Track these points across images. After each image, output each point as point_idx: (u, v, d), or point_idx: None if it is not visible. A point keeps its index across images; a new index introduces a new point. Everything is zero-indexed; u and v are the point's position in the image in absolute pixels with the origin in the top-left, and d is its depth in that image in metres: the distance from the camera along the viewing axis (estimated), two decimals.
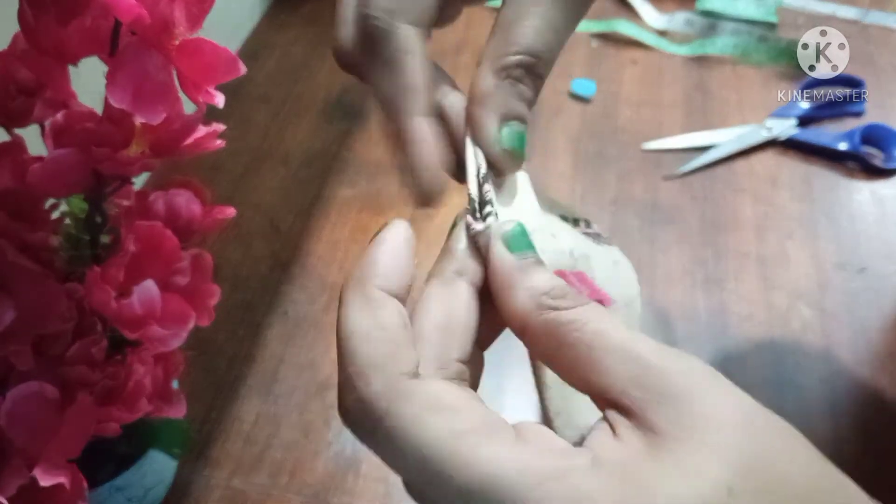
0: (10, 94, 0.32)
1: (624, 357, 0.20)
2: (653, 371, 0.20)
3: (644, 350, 0.20)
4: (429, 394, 0.19)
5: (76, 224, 0.36)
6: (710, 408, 0.19)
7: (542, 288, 0.21)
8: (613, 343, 0.20)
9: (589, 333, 0.20)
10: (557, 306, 0.21)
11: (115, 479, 0.41)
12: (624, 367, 0.20)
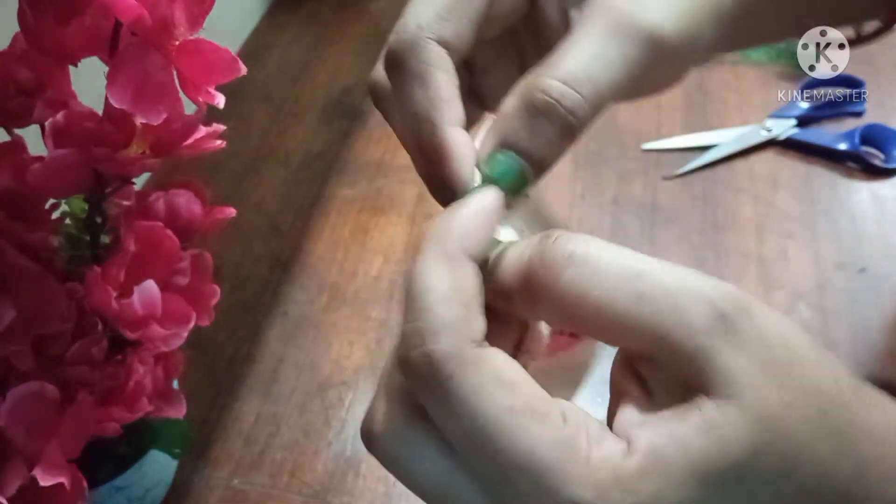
0: (10, 94, 0.32)
1: (642, 316, 0.19)
2: (677, 327, 0.19)
3: (661, 302, 0.19)
4: (494, 366, 0.19)
5: (76, 224, 0.36)
6: (735, 363, 0.19)
7: (538, 246, 0.21)
8: (625, 304, 0.19)
9: (596, 298, 0.19)
10: (555, 265, 0.20)
11: (115, 479, 0.41)
12: (644, 328, 0.19)
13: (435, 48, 0.23)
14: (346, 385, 0.55)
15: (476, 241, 0.21)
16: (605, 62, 0.22)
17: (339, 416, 0.53)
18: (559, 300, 0.20)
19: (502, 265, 0.21)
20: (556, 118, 0.23)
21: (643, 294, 0.19)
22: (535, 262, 0.20)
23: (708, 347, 0.19)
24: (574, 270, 0.20)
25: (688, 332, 0.19)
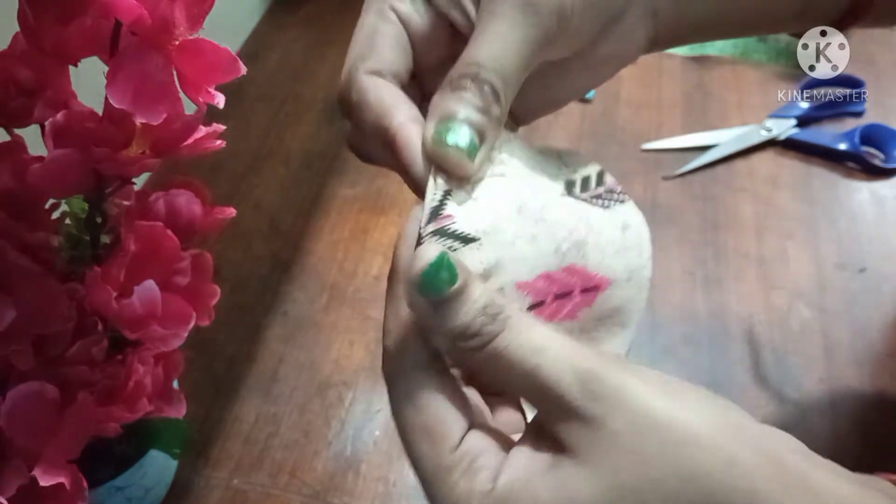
0: (10, 94, 0.32)
1: (531, 387, 0.23)
2: (558, 400, 0.23)
3: (549, 378, 0.23)
4: (411, 387, 0.25)
5: (76, 224, 0.36)
6: (602, 434, 0.22)
7: (457, 330, 0.23)
8: (521, 374, 0.23)
9: (503, 365, 0.23)
10: (471, 346, 0.24)
11: (115, 479, 0.41)
12: (533, 396, 0.23)
13: (367, 77, 0.28)
14: (346, 385, 0.55)
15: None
16: (505, 41, 0.26)
17: (339, 416, 0.53)
18: (473, 359, 0.24)
19: (464, 299, 0.24)
20: (478, 88, 0.26)
21: (537, 367, 0.23)
22: (471, 329, 0.24)
23: (574, 420, 0.22)
24: (494, 343, 0.23)
25: (560, 407, 0.23)
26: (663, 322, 0.59)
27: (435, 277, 0.23)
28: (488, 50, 0.26)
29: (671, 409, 0.22)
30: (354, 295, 0.60)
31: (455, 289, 0.23)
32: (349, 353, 0.57)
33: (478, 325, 0.23)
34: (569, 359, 0.23)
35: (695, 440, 0.21)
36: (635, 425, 0.22)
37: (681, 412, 0.22)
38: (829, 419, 0.53)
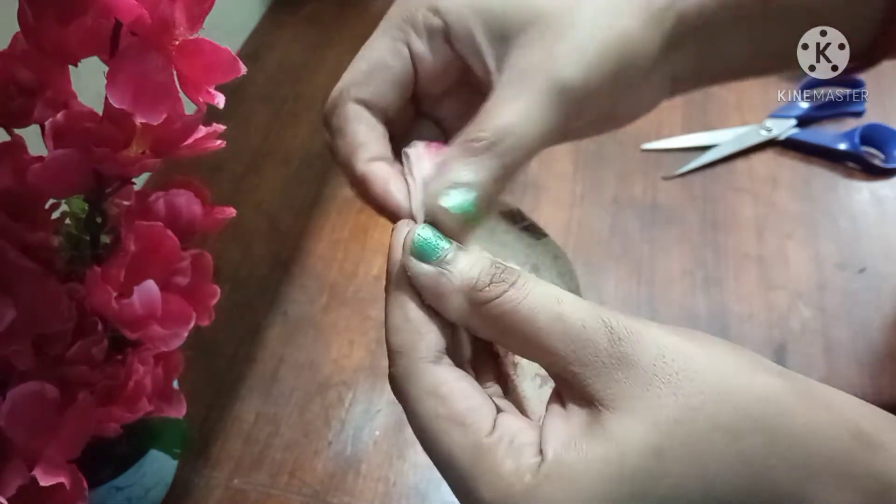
0: (10, 94, 0.32)
1: (559, 334, 0.23)
2: (586, 344, 0.22)
3: (575, 323, 0.23)
4: (432, 380, 0.24)
5: (76, 224, 0.36)
6: (629, 379, 0.22)
7: (468, 283, 0.23)
8: (547, 321, 0.23)
9: (523, 316, 0.23)
10: (488, 297, 0.23)
11: (115, 479, 0.41)
12: (560, 343, 0.23)
13: (352, 106, 0.29)
14: (346, 385, 0.55)
15: None
16: (528, 118, 0.26)
17: (339, 415, 0.53)
18: (492, 315, 0.23)
19: (463, 263, 0.24)
20: (491, 157, 0.26)
21: (560, 314, 0.23)
22: (481, 281, 0.24)
23: (604, 367, 0.22)
24: (511, 292, 0.23)
25: (590, 354, 0.22)
26: (663, 322, 0.58)
27: (433, 239, 0.24)
28: (512, 122, 0.26)
29: (695, 346, 0.22)
30: (354, 295, 0.60)
31: (455, 245, 0.24)
32: (349, 353, 0.57)
33: (489, 275, 0.23)
34: (588, 306, 0.23)
35: (722, 369, 0.22)
36: (666, 359, 0.22)
37: (706, 349, 0.22)
38: None
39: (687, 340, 0.23)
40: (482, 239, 0.28)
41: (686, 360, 0.22)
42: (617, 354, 0.22)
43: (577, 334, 0.22)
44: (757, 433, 0.21)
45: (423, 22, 0.28)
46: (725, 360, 0.22)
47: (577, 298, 0.23)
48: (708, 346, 0.23)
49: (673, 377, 0.21)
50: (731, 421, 0.21)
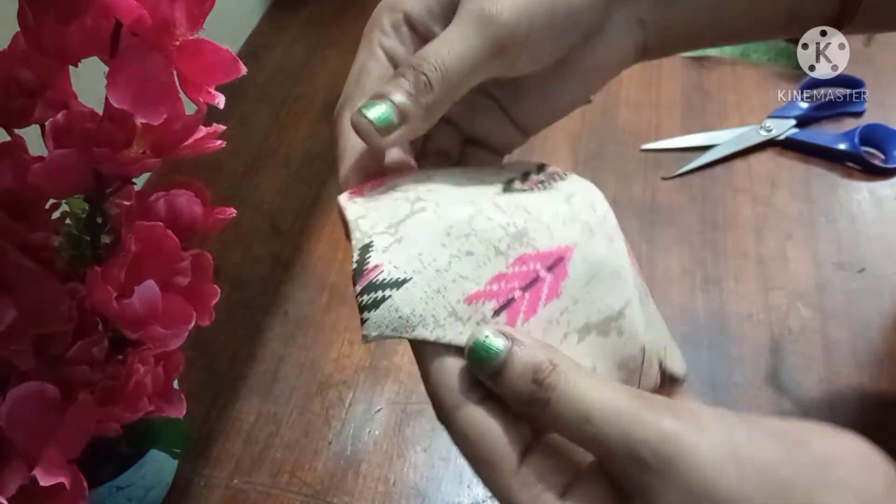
0: (10, 94, 0.32)
1: (592, 449, 0.25)
2: (615, 464, 0.24)
3: (602, 448, 0.24)
4: (459, 425, 0.27)
5: (76, 224, 0.36)
6: (652, 497, 0.23)
7: (511, 399, 0.26)
8: (579, 440, 0.25)
9: (559, 427, 0.25)
10: (528, 413, 0.26)
11: (115, 479, 0.41)
12: (593, 454, 0.25)
13: (343, 119, 0.31)
14: (346, 385, 0.55)
15: None
16: (454, 47, 0.29)
17: (339, 415, 0.53)
18: (549, 408, 0.25)
19: (511, 375, 0.26)
20: (415, 77, 0.29)
21: (592, 437, 0.24)
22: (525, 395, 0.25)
23: (636, 482, 0.23)
24: (547, 409, 0.25)
25: (617, 471, 0.24)
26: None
27: (476, 359, 0.26)
28: (436, 50, 0.29)
29: (720, 480, 0.23)
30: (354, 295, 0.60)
31: (497, 364, 0.25)
32: (349, 353, 0.57)
33: (528, 393, 0.25)
34: (616, 425, 0.24)
35: None
36: (690, 496, 0.23)
37: (731, 482, 0.23)
38: (828, 419, 0.53)
39: (723, 471, 0.23)
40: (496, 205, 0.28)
41: (713, 496, 0.23)
42: (641, 484, 0.23)
43: (603, 459, 0.25)
44: None
45: (388, 21, 0.32)
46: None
47: (614, 406, 0.24)
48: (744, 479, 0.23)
49: None
50: None
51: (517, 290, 0.27)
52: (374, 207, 0.28)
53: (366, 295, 0.26)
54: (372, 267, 0.26)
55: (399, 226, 0.27)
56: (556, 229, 0.29)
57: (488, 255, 0.27)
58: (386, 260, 0.26)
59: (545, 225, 0.28)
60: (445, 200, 0.28)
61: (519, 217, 0.28)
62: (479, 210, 0.28)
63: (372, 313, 0.26)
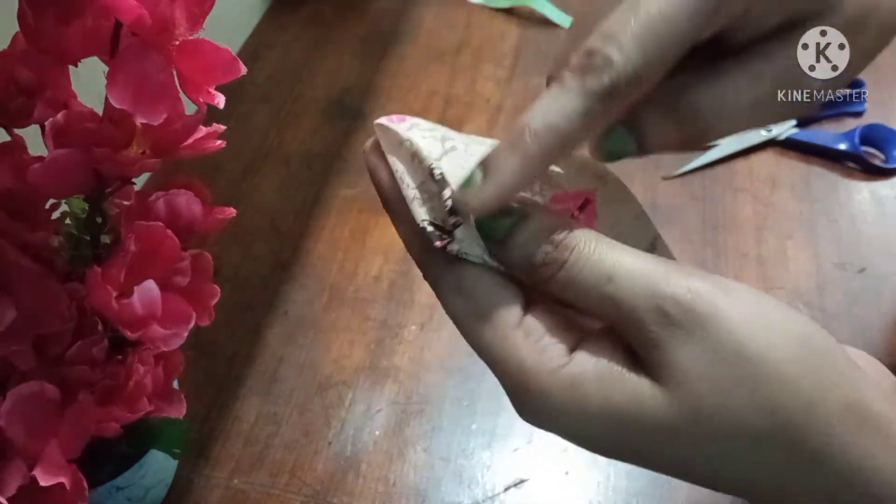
0: (10, 94, 0.32)
1: (610, 315, 0.23)
2: (636, 326, 0.22)
3: (626, 307, 0.22)
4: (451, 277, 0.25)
5: (76, 224, 0.36)
6: (680, 359, 0.22)
7: (520, 265, 0.24)
8: (598, 300, 0.23)
9: (574, 295, 0.23)
10: (542, 278, 0.23)
11: (115, 479, 0.41)
12: (612, 320, 0.23)
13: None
14: (346, 385, 0.55)
15: None
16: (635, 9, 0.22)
17: (339, 415, 0.53)
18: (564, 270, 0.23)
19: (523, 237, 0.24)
20: (584, 71, 0.22)
21: (612, 296, 0.22)
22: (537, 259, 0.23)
23: (658, 339, 0.22)
24: (562, 273, 0.23)
25: (642, 329, 0.22)
26: None
27: (492, 221, 0.23)
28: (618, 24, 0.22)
29: (752, 340, 0.21)
30: (354, 295, 0.60)
31: (508, 222, 0.23)
32: (349, 353, 0.57)
33: (542, 254, 0.23)
34: (643, 283, 0.22)
35: (777, 377, 0.21)
36: (716, 354, 0.21)
37: (762, 344, 0.21)
38: None
39: (754, 331, 0.21)
40: None
41: (743, 364, 0.21)
42: (667, 341, 0.22)
43: (625, 318, 0.22)
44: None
45: None
46: (784, 371, 0.21)
47: (638, 265, 0.22)
48: (775, 345, 0.22)
49: (720, 378, 0.21)
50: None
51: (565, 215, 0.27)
52: (414, 137, 0.27)
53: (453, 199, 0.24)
54: (449, 181, 0.25)
55: (439, 162, 0.26)
56: (573, 176, 0.29)
57: (525, 195, 0.27)
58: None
59: (564, 171, 0.28)
60: (469, 139, 0.27)
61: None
62: None
63: (462, 221, 0.24)
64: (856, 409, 0.21)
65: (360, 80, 0.79)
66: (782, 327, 0.22)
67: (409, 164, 0.27)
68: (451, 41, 0.84)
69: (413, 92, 0.78)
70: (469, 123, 0.75)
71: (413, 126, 0.28)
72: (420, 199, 0.26)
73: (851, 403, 0.21)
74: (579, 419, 0.22)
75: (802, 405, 0.21)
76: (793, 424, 0.21)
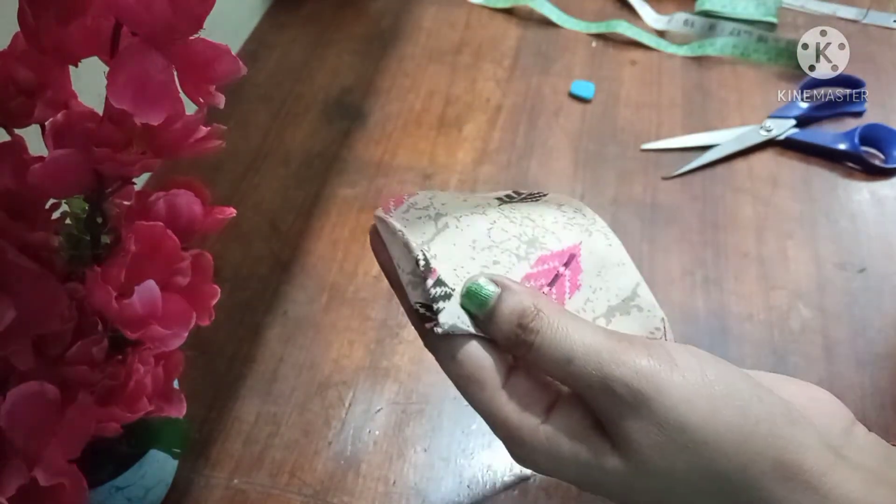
0: (10, 94, 0.32)
1: (570, 387, 0.28)
2: (594, 399, 0.27)
3: (581, 387, 0.27)
4: (446, 349, 0.29)
5: (76, 224, 0.36)
6: (635, 435, 0.26)
7: (498, 340, 0.28)
8: (560, 377, 0.28)
9: (542, 369, 0.28)
10: (515, 353, 0.28)
11: (115, 479, 0.41)
12: (577, 384, 0.27)
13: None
14: (346, 385, 0.55)
15: None
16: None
17: (339, 416, 0.53)
18: (532, 351, 0.28)
19: (498, 319, 0.28)
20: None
21: (571, 374, 0.27)
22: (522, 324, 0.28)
23: (611, 416, 0.26)
24: (530, 355, 0.28)
25: (597, 408, 0.27)
26: None
27: (470, 302, 0.28)
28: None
29: (693, 413, 0.25)
30: (354, 295, 0.60)
31: (489, 307, 0.28)
32: (349, 353, 0.57)
33: (514, 336, 0.27)
34: (596, 365, 0.26)
35: (715, 445, 0.25)
36: (661, 427, 0.25)
37: (701, 416, 0.25)
38: None
39: (695, 403, 0.25)
40: (482, 231, 0.31)
41: (685, 435, 0.25)
42: (617, 421, 0.26)
43: (582, 396, 0.27)
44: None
45: None
46: (721, 439, 0.25)
47: (593, 347, 0.26)
48: (715, 413, 0.25)
49: (665, 447, 0.25)
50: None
51: (545, 287, 0.31)
52: (407, 224, 0.31)
53: (438, 288, 0.29)
54: (433, 268, 0.29)
55: (431, 244, 0.30)
56: (560, 232, 0.32)
57: (512, 262, 0.30)
58: (439, 268, 0.30)
59: (550, 230, 0.32)
60: (462, 213, 0.31)
61: (527, 226, 0.32)
62: (494, 222, 0.31)
63: (446, 303, 0.29)
64: (787, 469, 0.24)
65: (360, 80, 0.79)
66: (723, 399, 0.25)
67: (403, 252, 0.31)
68: (451, 41, 0.84)
69: (413, 92, 0.78)
70: (469, 123, 0.75)
71: (410, 207, 0.32)
72: (413, 282, 0.30)
73: (783, 463, 0.25)
74: (556, 466, 0.27)
75: (737, 468, 0.25)
76: (730, 484, 0.25)
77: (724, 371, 0.26)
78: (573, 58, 0.82)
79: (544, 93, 0.78)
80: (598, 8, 0.89)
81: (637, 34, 0.84)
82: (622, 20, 0.85)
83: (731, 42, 0.82)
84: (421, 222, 0.31)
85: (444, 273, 0.29)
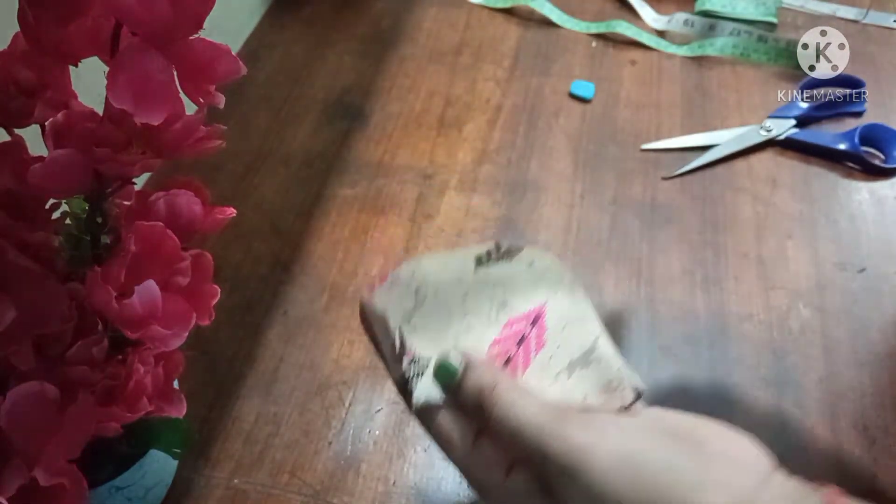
0: (10, 94, 0.32)
1: (522, 450, 0.31)
2: (533, 464, 0.31)
3: (527, 450, 0.30)
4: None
5: (76, 224, 0.36)
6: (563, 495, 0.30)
7: (463, 407, 0.32)
8: (511, 446, 0.31)
9: (502, 438, 0.32)
10: (477, 419, 0.32)
11: (115, 479, 0.41)
12: (524, 454, 0.31)
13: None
14: (346, 385, 0.55)
15: None
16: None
17: (339, 415, 0.53)
18: (490, 421, 0.32)
19: (462, 392, 0.33)
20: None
21: (522, 445, 0.31)
22: (485, 393, 0.32)
23: (550, 482, 0.30)
24: (496, 411, 0.31)
25: (541, 469, 0.30)
26: (663, 322, 0.59)
27: (440, 376, 0.33)
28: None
29: (612, 483, 0.28)
30: (354, 295, 0.60)
31: (455, 381, 0.32)
32: (349, 353, 0.57)
33: (476, 407, 0.32)
34: (537, 439, 0.30)
35: None
36: (588, 495, 0.29)
37: (621, 486, 0.28)
38: (828, 419, 0.53)
39: (614, 476, 0.28)
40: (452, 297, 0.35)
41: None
42: (553, 483, 0.30)
43: (532, 462, 0.31)
44: None
45: None
46: None
47: (531, 425, 0.30)
48: (634, 487, 0.28)
49: None
50: None
51: (513, 348, 0.34)
52: (389, 302, 0.34)
53: (413, 366, 0.33)
54: (409, 347, 0.33)
55: (411, 318, 0.34)
56: (528, 292, 0.35)
57: (484, 327, 0.34)
58: (414, 345, 0.33)
59: (519, 290, 0.35)
60: (439, 284, 0.35)
61: (498, 290, 0.35)
62: (467, 291, 0.35)
63: (419, 381, 0.33)
64: None
65: (360, 80, 0.79)
66: (638, 469, 0.28)
67: (384, 331, 0.34)
68: (451, 41, 0.84)
69: (413, 92, 0.78)
70: (469, 124, 0.75)
71: (393, 283, 0.35)
72: (394, 358, 0.34)
73: None
74: None
75: None
76: None
77: (650, 438, 0.30)
78: (573, 58, 0.82)
79: (544, 93, 0.78)
80: (598, 8, 0.89)
81: (637, 34, 0.84)
82: (622, 20, 0.85)
83: (731, 42, 0.82)
84: (402, 298, 0.34)
85: (420, 347, 0.33)
